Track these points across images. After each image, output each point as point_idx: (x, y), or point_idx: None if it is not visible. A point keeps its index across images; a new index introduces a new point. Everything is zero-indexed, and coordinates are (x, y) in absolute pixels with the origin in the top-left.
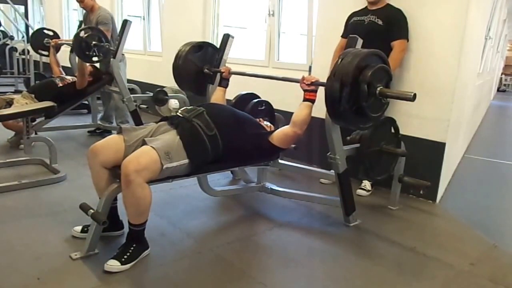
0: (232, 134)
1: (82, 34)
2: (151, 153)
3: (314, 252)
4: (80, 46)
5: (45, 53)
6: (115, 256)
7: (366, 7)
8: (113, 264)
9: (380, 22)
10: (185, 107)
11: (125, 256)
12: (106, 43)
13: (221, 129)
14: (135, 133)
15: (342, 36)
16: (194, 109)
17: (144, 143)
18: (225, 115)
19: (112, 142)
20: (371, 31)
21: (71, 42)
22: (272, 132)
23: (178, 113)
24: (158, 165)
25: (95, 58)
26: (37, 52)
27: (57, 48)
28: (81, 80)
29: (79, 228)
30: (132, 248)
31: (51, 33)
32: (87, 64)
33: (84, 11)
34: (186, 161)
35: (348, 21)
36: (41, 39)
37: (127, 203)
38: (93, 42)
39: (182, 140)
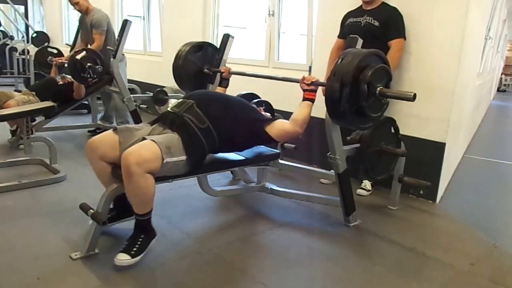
0: (225, 123)
1: (77, 56)
2: (151, 146)
3: (314, 252)
4: (75, 68)
5: (48, 71)
6: (124, 249)
7: (361, 6)
8: (123, 258)
9: (376, 24)
10: (175, 101)
11: (134, 249)
12: (100, 66)
13: (213, 120)
14: (131, 136)
15: (338, 37)
16: (183, 103)
17: (144, 139)
18: (216, 104)
19: (108, 138)
20: (368, 33)
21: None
22: (268, 120)
23: (168, 109)
24: (159, 159)
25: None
26: (41, 71)
27: (60, 67)
28: (78, 94)
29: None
30: (140, 240)
31: (55, 51)
32: None
33: (80, 14)
34: (185, 157)
35: (344, 22)
36: (45, 57)
37: (131, 194)
38: (88, 64)
39: (180, 136)
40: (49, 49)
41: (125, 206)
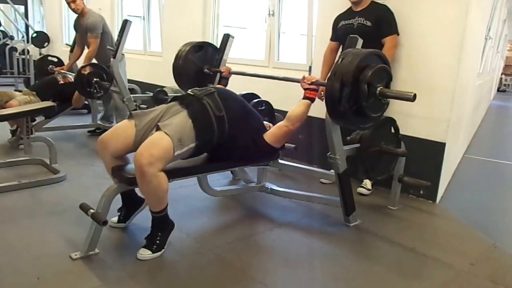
0: (238, 121)
1: (84, 71)
2: (164, 142)
3: (314, 252)
4: (81, 83)
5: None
6: (145, 246)
7: (351, 8)
8: (144, 253)
9: (369, 24)
10: (196, 87)
11: (155, 246)
12: (107, 83)
13: (229, 112)
14: (145, 117)
15: (331, 39)
16: (205, 89)
17: (157, 128)
18: (235, 102)
19: (120, 130)
20: (362, 34)
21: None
22: (267, 130)
23: (189, 92)
24: (171, 154)
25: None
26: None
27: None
28: (77, 103)
29: (115, 219)
30: (158, 237)
31: (55, 59)
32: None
33: (76, 15)
34: (194, 144)
35: (336, 25)
36: (46, 66)
37: (145, 193)
38: (94, 79)
39: (193, 122)
40: (50, 58)
41: (132, 199)
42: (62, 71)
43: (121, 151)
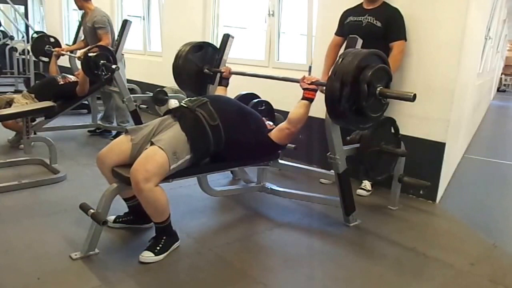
0: (235, 126)
1: (90, 53)
2: (158, 157)
3: (314, 252)
4: (88, 66)
5: (45, 59)
6: (148, 247)
7: (361, 4)
8: (147, 255)
9: (378, 24)
10: (189, 98)
11: (158, 248)
12: (117, 66)
13: (224, 120)
14: (140, 132)
15: (336, 34)
16: (198, 99)
17: (151, 143)
18: (230, 107)
19: (115, 145)
20: (369, 33)
21: (74, 54)
22: (271, 129)
23: (182, 103)
24: (166, 168)
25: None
26: (38, 59)
27: (58, 56)
28: (82, 90)
29: (112, 217)
30: (163, 240)
31: (52, 40)
32: None
33: (82, 11)
34: (189, 156)
35: (344, 20)
36: (43, 46)
37: (144, 207)
38: (101, 61)
39: (187, 135)
40: (47, 38)
41: (141, 214)
42: (63, 52)
43: (119, 165)
